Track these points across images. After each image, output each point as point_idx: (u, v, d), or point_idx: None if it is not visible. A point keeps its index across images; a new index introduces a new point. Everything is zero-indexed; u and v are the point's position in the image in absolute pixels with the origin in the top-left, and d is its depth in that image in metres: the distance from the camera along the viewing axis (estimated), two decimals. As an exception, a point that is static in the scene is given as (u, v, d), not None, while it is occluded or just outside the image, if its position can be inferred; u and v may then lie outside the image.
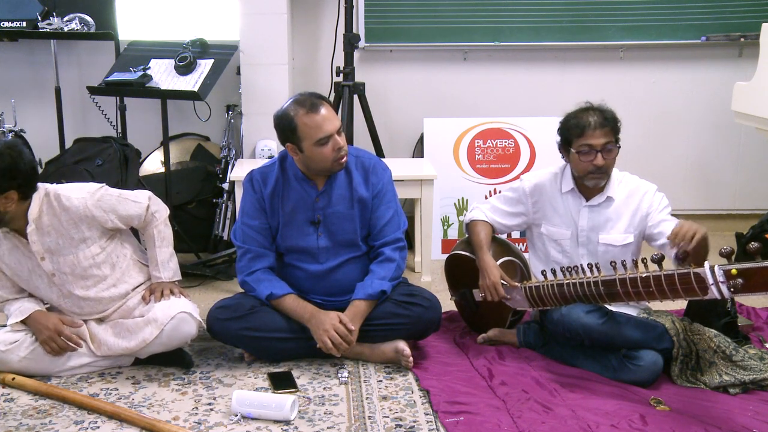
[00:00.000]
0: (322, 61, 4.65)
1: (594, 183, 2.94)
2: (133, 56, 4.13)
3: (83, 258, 2.88)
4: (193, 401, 2.71)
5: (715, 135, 4.85)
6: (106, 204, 2.89)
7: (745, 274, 2.29)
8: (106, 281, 2.94)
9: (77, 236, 2.85)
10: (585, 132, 2.87)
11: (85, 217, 2.84)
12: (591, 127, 2.86)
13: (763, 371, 2.80)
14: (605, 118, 2.88)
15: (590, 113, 2.90)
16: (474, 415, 2.56)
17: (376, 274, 2.99)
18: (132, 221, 2.98)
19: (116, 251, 2.98)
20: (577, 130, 2.88)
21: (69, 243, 2.85)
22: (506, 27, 4.64)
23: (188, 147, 4.53)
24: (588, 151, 2.87)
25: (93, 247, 2.89)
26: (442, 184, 4.32)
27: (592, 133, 2.86)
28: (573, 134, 2.90)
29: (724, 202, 4.94)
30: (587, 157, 2.88)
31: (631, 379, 2.80)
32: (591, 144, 2.86)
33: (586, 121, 2.87)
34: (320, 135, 2.85)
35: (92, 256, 2.89)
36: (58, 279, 2.88)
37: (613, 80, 4.76)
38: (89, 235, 2.87)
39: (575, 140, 2.89)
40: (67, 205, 2.82)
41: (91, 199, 2.86)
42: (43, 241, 2.82)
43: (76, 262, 2.87)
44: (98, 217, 2.87)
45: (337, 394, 2.76)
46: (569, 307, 2.84)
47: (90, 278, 2.91)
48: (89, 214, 2.85)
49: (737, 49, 4.70)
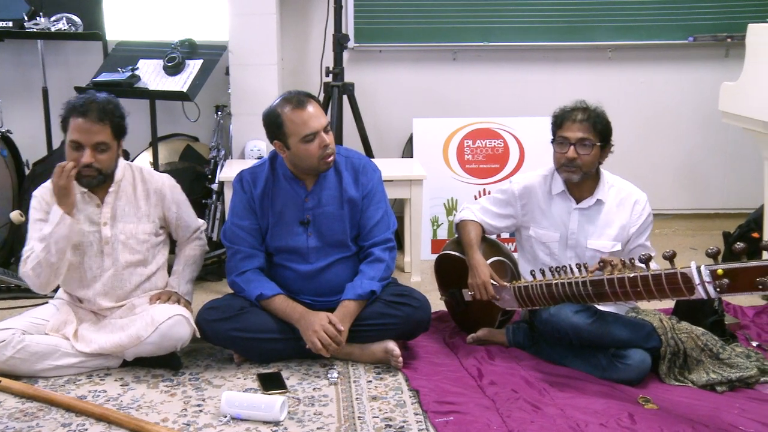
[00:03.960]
0: (312, 62, 4.65)
1: (567, 176, 2.97)
2: (121, 57, 4.12)
3: (141, 231, 3.02)
4: (182, 403, 2.70)
5: (703, 135, 4.87)
6: (177, 195, 3.13)
7: (731, 275, 2.31)
8: (146, 267, 3.05)
9: (144, 208, 3.04)
10: (563, 124, 2.95)
11: (157, 192, 3.06)
12: (571, 119, 2.94)
13: (750, 369, 2.82)
14: (588, 116, 2.93)
15: (577, 109, 2.97)
16: (463, 414, 2.56)
17: (366, 274, 2.99)
18: (181, 228, 3.16)
19: (160, 246, 3.13)
20: (558, 121, 2.98)
21: (134, 212, 3.02)
22: (495, 27, 4.66)
23: (177, 147, 4.51)
24: (563, 142, 2.93)
25: (151, 225, 3.05)
26: (431, 184, 4.32)
27: (570, 125, 2.93)
28: (555, 125, 2.99)
29: (712, 202, 4.97)
30: (561, 148, 2.94)
31: (620, 377, 2.81)
32: (566, 136, 2.93)
33: (568, 114, 2.96)
34: (306, 131, 2.86)
35: (148, 233, 3.04)
36: (110, 248, 2.98)
37: (602, 80, 4.78)
38: (153, 212, 3.05)
39: (556, 131, 2.99)
40: (147, 177, 3.07)
41: (169, 182, 3.13)
42: (114, 205, 2.98)
43: (135, 232, 3.01)
44: (167, 199, 3.08)
45: (327, 394, 2.76)
46: (558, 307, 2.85)
47: (137, 253, 3.02)
48: (163, 191, 3.07)
49: (724, 49, 4.73)
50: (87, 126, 2.84)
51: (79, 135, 2.84)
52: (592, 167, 2.97)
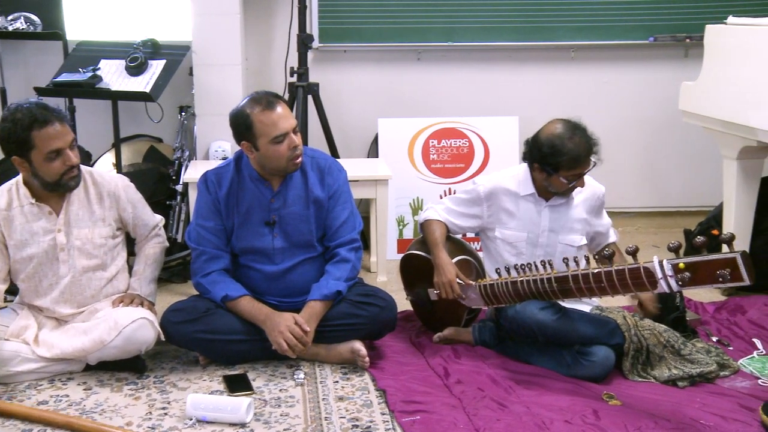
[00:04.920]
0: (276, 62, 4.62)
1: (562, 196, 3.01)
2: (82, 56, 4.06)
3: (97, 235, 2.99)
4: (147, 406, 2.67)
5: (663, 134, 4.94)
6: (131, 194, 3.09)
7: (692, 268, 2.35)
8: (105, 270, 3.01)
9: (98, 212, 3.00)
10: (578, 164, 2.88)
11: (111, 195, 3.02)
12: (583, 157, 2.88)
13: (710, 364, 2.87)
14: (589, 144, 2.90)
15: (579, 142, 2.88)
16: (430, 414, 2.57)
17: (332, 274, 2.99)
18: (138, 227, 3.12)
19: (119, 248, 3.09)
20: (570, 163, 2.88)
21: (89, 216, 2.98)
22: (459, 27, 4.67)
23: (140, 149, 4.46)
24: (577, 178, 2.92)
25: (107, 228, 3.01)
26: (396, 184, 4.33)
27: (585, 161, 2.89)
28: (563, 165, 2.88)
29: (673, 200, 5.04)
30: (574, 181, 2.93)
31: (585, 374, 2.84)
32: (582, 173, 2.92)
33: (577, 152, 2.86)
34: (276, 132, 2.85)
35: (105, 237, 3.00)
36: (65, 255, 2.93)
37: (565, 80, 4.82)
38: (108, 215, 3.01)
39: (565, 170, 2.89)
40: (98, 180, 3.03)
41: (122, 182, 3.09)
42: (68, 211, 2.94)
43: (90, 237, 2.97)
44: (121, 200, 3.04)
45: (294, 395, 2.75)
46: (523, 304, 2.87)
47: (95, 258, 2.98)
48: (117, 192, 3.03)
49: (683, 49, 4.80)
50: (57, 130, 2.81)
51: (57, 141, 2.81)
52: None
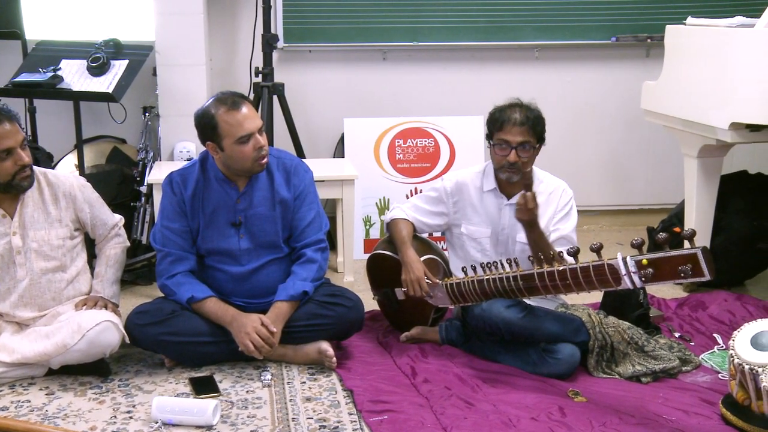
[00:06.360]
0: (241, 62, 4.59)
1: (507, 177, 2.99)
2: (42, 56, 3.98)
3: (54, 236, 2.95)
4: (112, 410, 2.64)
5: (626, 132, 5.00)
6: (88, 194, 3.05)
7: (655, 264, 2.38)
8: (65, 272, 2.98)
9: (54, 213, 2.95)
10: (504, 127, 2.92)
11: (67, 195, 2.98)
12: (510, 123, 2.91)
13: (672, 360, 2.92)
14: (527, 117, 2.93)
15: (515, 109, 2.95)
16: (398, 413, 2.57)
17: (298, 275, 2.98)
18: (97, 226, 3.08)
19: (78, 249, 3.05)
20: (498, 124, 2.94)
21: (45, 218, 2.94)
22: (424, 27, 4.69)
23: (104, 150, 4.40)
24: (504, 146, 2.93)
25: (64, 229, 2.97)
26: (363, 184, 4.33)
27: (511, 128, 2.91)
28: (494, 127, 2.96)
29: (636, 198, 5.11)
30: (502, 151, 2.94)
31: (550, 372, 2.87)
32: (507, 140, 2.92)
33: (507, 116, 2.93)
34: (241, 133, 2.83)
35: (62, 238, 2.96)
36: (22, 258, 2.89)
37: (530, 79, 4.85)
38: (64, 216, 2.97)
39: (495, 133, 2.96)
40: (53, 180, 2.98)
41: (77, 182, 3.05)
42: (22, 213, 2.90)
43: (47, 238, 2.93)
44: (77, 201, 3.00)
45: (261, 396, 2.73)
46: (490, 303, 2.89)
47: (53, 260, 2.95)
48: (72, 193, 2.99)
49: (644, 49, 4.86)
50: (7, 129, 2.78)
51: (7, 141, 2.77)
52: (531, 166, 3.02)
